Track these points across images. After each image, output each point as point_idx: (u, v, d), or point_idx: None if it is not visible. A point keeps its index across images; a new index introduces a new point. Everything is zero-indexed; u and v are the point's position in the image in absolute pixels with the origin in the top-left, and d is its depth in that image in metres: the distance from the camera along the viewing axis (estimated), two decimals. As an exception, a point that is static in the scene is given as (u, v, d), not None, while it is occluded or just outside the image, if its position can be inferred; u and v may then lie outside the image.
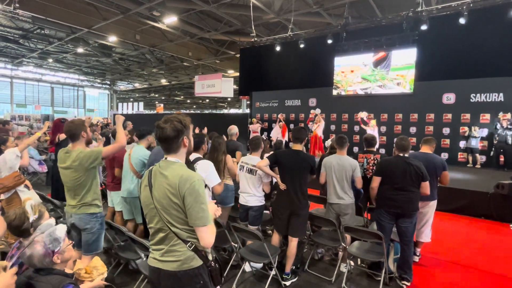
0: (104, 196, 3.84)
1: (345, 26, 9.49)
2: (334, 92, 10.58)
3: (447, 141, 8.73)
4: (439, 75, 8.68)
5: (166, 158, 1.55)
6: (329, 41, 9.90)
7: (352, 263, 3.34)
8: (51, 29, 12.58)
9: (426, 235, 3.53)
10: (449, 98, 8.71)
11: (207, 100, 34.23)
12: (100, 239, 2.51)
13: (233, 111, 37.98)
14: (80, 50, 15.22)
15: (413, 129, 9.24)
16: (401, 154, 3.00)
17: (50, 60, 18.37)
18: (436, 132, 8.78)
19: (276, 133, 10.41)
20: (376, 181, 3.13)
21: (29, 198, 1.62)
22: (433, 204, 3.46)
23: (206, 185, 2.28)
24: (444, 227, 4.79)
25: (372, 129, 8.36)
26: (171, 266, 1.50)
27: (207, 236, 1.45)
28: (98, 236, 2.48)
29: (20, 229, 1.51)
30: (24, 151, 3.28)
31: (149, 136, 3.54)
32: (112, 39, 12.70)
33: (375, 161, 3.78)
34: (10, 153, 3.10)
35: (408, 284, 3.03)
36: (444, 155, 8.48)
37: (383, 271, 2.93)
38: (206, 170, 2.54)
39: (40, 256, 1.35)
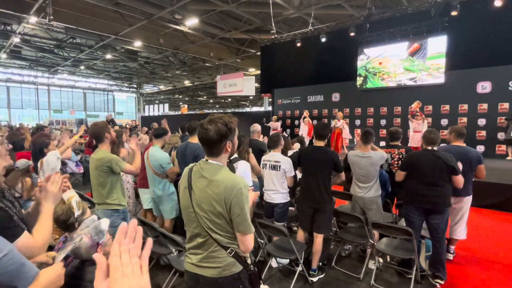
0: (138, 195, 4.02)
1: (368, 17, 9.17)
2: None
3: (483, 132, 8.20)
4: (472, 63, 8.15)
5: (207, 160, 1.49)
6: (352, 34, 9.63)
7: (381, 260, 3.27)
8: (82, 38, 13.33)
9: (460, 232, 3.36)
10: (484, 87, 8.17)
11: (229, 99, 34.61)
12: None
13: (255, 109, 38.11)
14: (108, 56, 15.99)
15: (444, 121, 8.77)
16: (429, 148, 2.88)
17: (82, 67, 19.48)
18: (470, 123, 8.27)
19: (303, 131, 10.24)
20: (400, 176, 3.04)
21: (74, 195, 1.76)
22: (468, 199, 3.28)
23: None
24: (480, 223, 4.53)
25: (418, 123, 7.61)
26: (211, 273, 1.46)
27: (249, 242, 1.44)
28: None
29: (67, 223, 1.65)
30: (68, 149, 3.57)
31: (165, 136, 3.61)
32: (137, 44, 13.22)
33: (400, 156, 3.66)
34: (52, 155, 3.37)
35: (442, 282, 2.91)
36: (480, 148, 7.98)
37: (414, 268, 2.84)
38: (244, 171, 2.61)
39: (87, 247, 1.47)
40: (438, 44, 8.59)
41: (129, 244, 0.58)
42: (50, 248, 2.22)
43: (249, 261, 1.53)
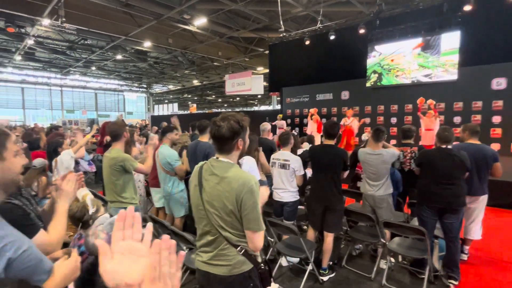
0: (149, 193, 4.08)
1: (378, 14, 9.03)
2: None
3: (498, 130, 7.97)
4: (487, 58, 7.92)
5: (217, 158, 1.50)
6: (362, 31, 9.50)
7: (392, 259, 3.23)
8: (93, 39, 13.56)
9: (475, 232, 3.29)
10: (499, 83, 7.93)
11: (238, 98, 34.67)
12: None
13: (263, 108, 38.07)
14: (119, 57, 16.22)
15: (457, 119, 8.57)
16: (444, 146, 2.82)
17: (93, 68, 19.82)
18: (484, 121, 8.05)
19: (312, 129, 10.10)
20: (417, 172, 3.00)
21: (88, 193, 1.80)
22: (483, 199, 3.20)
23: None
24: (495, 223, 4.42)
25: (431, 120, 7.31)
26: (221, 271, 1.46)
27: (259, 240, 1.43)
28: None
29: (82, 220, 1.69)
30: (82, 148, 3.68)
31: (170, 133, 3.62)
32: (147, 44, 13.37)
33: (413, 154, 3.60)
34: (65, 154, 3.45)
35: (456, 283, 2.86)
36: (495, 146, 7.76)
37: (427, 268, 2.79)
38: (250, 167, 2.62)
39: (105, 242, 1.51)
40: (451, 40, 8.38)
41: (132, 233, 0.60)
42: (65, 245, 2.28)
43: (259, 260, 1.53)
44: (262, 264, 1.52)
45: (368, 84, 10.16)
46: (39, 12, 9.66)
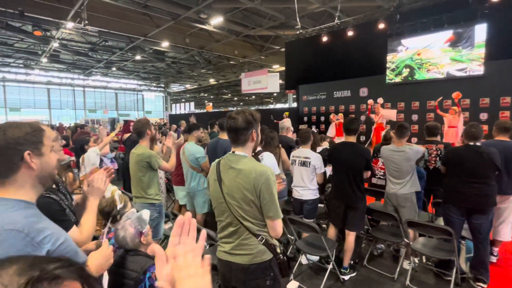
0: (169, 190, 4.17)
1: (398, 7, 8.76)
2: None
3: (529, 127, 7.54)
4: (516, 52, 7.52)
5: (233, 152, 1.57)
6: (381, 26, 9.24)
7: (416, 260, 3.14)
8: (113, 41, 13.97)
9: (505, 234, 3.14)
10: (530, 77, 7.51)
11: (253, 97, 34.70)
12: (158, 226, 2.80)
13: (279, 106, 37.91)
14: (138, 57, 16.63)
15: (483, 115, 8.19)
16: (471, 143, 2.71)
17: (114, 68, 20.44)
18: (513, 117, 7.66)
19: (331, 133, 9.94)
20: (443, 170, 2.90)
21: (116, 189, 1.87)
22: (514, 198, 3.06)
23: None
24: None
25: (454, 117, 7.01)
26: (243, 260, 1.53)
27: (278, 227, 1.52)
28: (157, 224, 2.76)
29: (110, 214, 1.76)
30: (106, 145, 3.85)
31: (196, 131, 3.70)
32: (164, 44, 13.63)
33: (438, 152, 3.47)
34: (92, 151, 3.59)
35: (485, 286, 2.75)
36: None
37: (454, 270, 2.70)
38: (270, 162, 2.63)
39: (132, 236, 1.56)
40: (476, 33, 8.00)
41: (191, 243, 0.62)
42: (94, 239, 2.37)
43: (278, 250, 1.59)
44: (281, 255, 1.59)
45: (398, 79, 9.71)
46: (64, 15, 10.06)
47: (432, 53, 8.92)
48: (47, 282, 0.42)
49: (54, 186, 1.39)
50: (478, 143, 2.72)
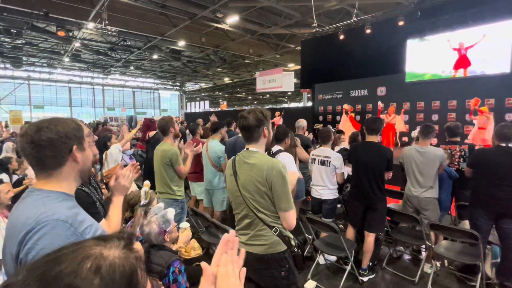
0: (186, 186, 4.25)
1: (419, 4, 8.51)
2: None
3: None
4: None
5: (247, 149, 1.65)
6: (400, 23, 9.00)
7: (438, 264, 3.06)
8: (132, 40, 14.29)
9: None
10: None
11: (268, 96, 34.66)
12: (180, 222, 2.85)
13: (293, 105, 37.68)
14: (155, 56, 16.94)
15: (510, 116, 7.84)
16: (503, 144, 2.59)
17: (132, 67, 20.91)
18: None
19: (344, 126, 9.73)
20: (468, 173, 2.79)
21: (148, 184, 1.92)
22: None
23: None
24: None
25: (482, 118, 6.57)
26: (258, 250, 1.59)
27: (291, 218, 1.56)
28: (179, 220, 2.82)
29: (133, 207, 1.81)
30: (127, 142, 3.97)
31: (222, 129, 3.78)
32: (181, 43, 13.81)
33: (463, 153, 3.35)
34: (114, 148, 3.69)
35: (512, 293, 2.64)
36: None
37: (479, 276, 2.61)
38: (288, 162, 2.62)
39: (156, 233, 1.61)
40: (502, 30, 7.65)
41: (233, 255, 0.71)
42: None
43: (293, 243, 1.64)
44: (295, 248, 1.63)
45: (427, 77, 9.36)
46: (85, 16, 10.37)
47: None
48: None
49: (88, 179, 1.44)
50: (510, 144, 2.60)
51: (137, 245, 1.28)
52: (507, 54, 7.65)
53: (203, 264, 0.67)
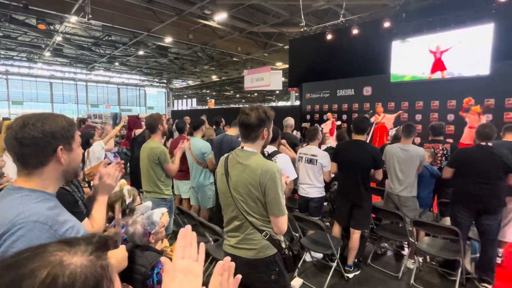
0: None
1: (405, 6, 8.70)
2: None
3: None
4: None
5: (242, 147, 1.57)
6: (386, 24, 9.18)
7: (420, 259, 3.15)
8: (116, 35, 13.94)
9: (511, 234, 3.13)
10: (536, 78, 7.45)
11: (255, 94, 34.64)
12: (169, 222, 2.80)
13: (281, 103, 37.84)
14: (140, 52, 16.59)
15: (488, 116, 8.14)
16: (483, 143, 2.69)
17: (116, 63, 20.41)
18: (518, 118, 7.61)
19: (327, 130, 9.84)
20: (448, 173, 2.87)
21: (125, 183, 1.86)
22: (521, 199, 3.04)
23: None
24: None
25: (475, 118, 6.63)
26: (248, 254, 1.54)
27: (283, 224, 1.50)
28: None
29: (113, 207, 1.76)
30: (111, 140, 3.86)
31: (202, 126, 3.73)
32: (168, 40, 13.58)
33: (445, 151, 3.46)
34: (97, 145, 3.59)
35: (490, 287, 2.74)
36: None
37: (459, 270, 2.70)
38: (284, 164, 2.62)
39: (140, 235, 1.56)
40: (480, 34, 7.93)
41: (190, 250, 0.72)
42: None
43: (283, 245, 1.60)
44: (286, 250, 1.60)
45: (407, 79, 9.55)
46: (68, 9, 10.02)
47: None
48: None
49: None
50: (490, 143, 2.70)
51: (121, 249, 1.25)
52: (486, 57, 7.94)
53: (163, 259, 0.67)
